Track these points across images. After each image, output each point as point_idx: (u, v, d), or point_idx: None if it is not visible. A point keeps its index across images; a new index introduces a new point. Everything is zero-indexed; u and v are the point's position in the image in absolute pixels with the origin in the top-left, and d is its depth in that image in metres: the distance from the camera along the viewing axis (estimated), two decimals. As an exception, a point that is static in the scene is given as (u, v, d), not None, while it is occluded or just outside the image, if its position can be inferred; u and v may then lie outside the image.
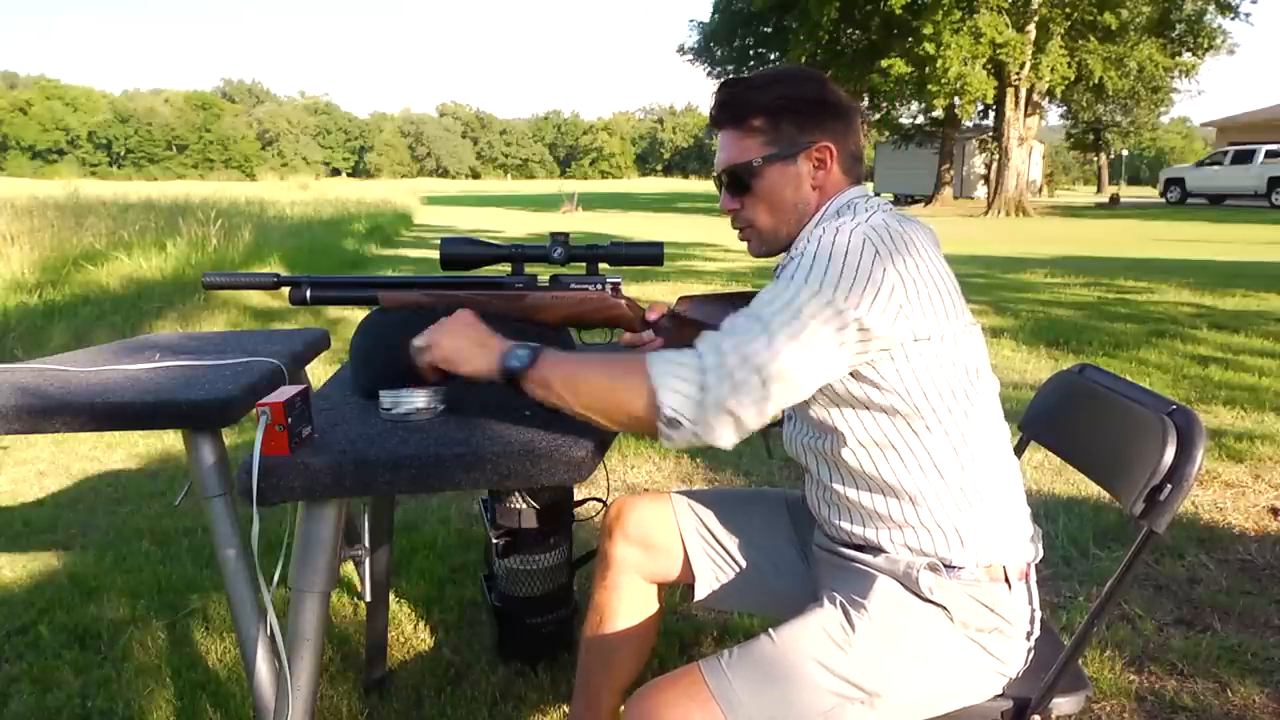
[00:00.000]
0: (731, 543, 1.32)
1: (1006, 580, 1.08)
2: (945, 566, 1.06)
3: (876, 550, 1.11)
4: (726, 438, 0.97)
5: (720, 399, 0.94)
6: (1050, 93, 23.59)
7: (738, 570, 1.32)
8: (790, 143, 1.12)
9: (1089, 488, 2.81)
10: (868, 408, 1.04)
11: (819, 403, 1.07)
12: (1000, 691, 1.10)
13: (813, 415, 1.10)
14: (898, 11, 20.49)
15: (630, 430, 1.03)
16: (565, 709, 1.70)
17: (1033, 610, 1.11)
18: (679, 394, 0.95)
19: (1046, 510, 2.66)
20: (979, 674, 1.09)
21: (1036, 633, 1.12)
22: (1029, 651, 1.12)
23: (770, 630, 1.06)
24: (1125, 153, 51.12)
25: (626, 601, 1.33)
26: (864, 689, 1.02)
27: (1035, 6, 20.67)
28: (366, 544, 1.28)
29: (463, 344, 1.10)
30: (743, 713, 0.99)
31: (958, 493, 1.06)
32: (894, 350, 1.00)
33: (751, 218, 1.17)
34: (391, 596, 2.08)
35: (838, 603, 1.07)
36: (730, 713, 0.99)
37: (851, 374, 1.02)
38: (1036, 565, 1.14)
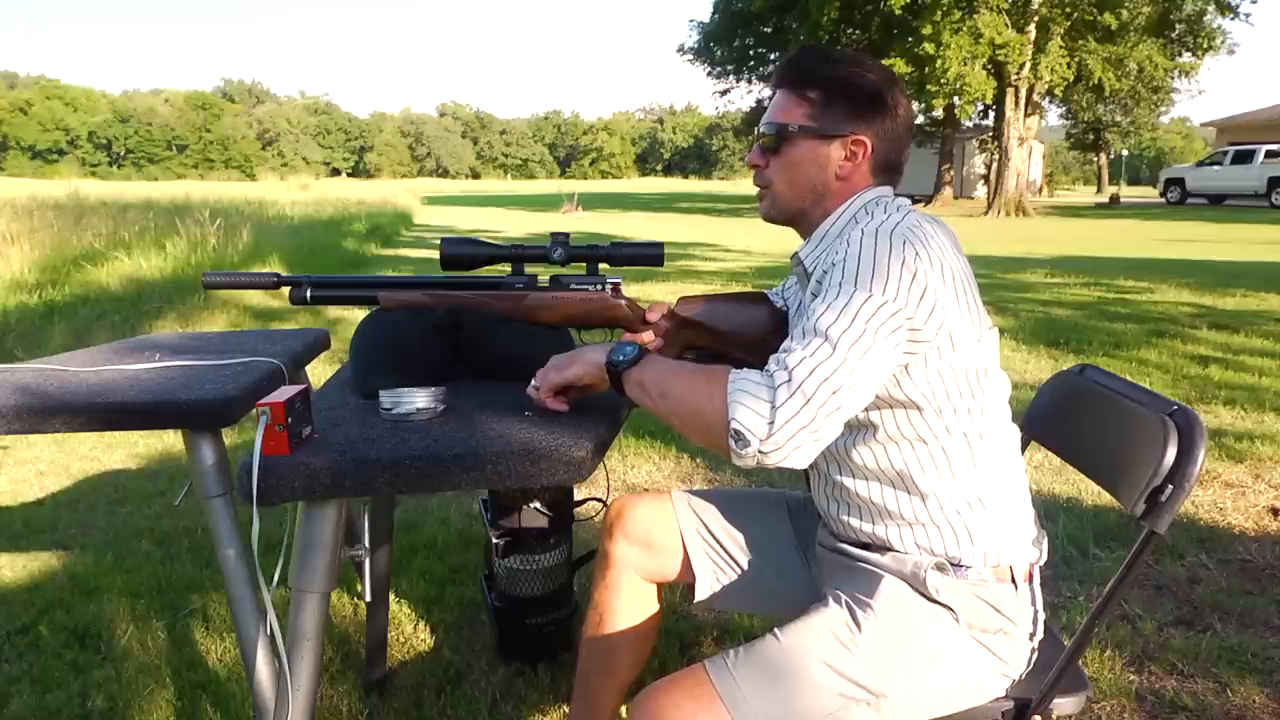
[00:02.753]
0: (732, 542, 1.32)
1: (1013, 581, 1.08)
2: (953, 566, 1.06)
3: (884, 549, 1.11)
4: (800, 458, 0.93)
5: (790, 417, 0.91)
6: (1050, 93, 23.59)
7: (738, 570, 1.32)
8: (832, 124, 1.11)
9: (1089, 488, 2.81)
10: (890, 405, 1.04)
11: None
12: (1003, 692, 1.10)
13: None
14: (897, 11, 20.50)
15: (706, 444, 1.01)
16: (565, 709, 1.70)
17: (1036, 611, 1.11)
18: (749, 410, 0.92)
19: (1046, 510, 2.66)
20: (983, 675, 1.09)
21: (1039, 634, 1.12)
22: (1032, 652, 1.12)
23: (776, 630, 1.06)
24: (1125, 153, 51.15)
25: (626, 601, 1.33)
26: (870, 690, 1.02)
27: (1035, 6, 20.66)
28: (366, 544, 1.28)
29: (571, 357, 1.15)
30: (748, 712, 0.99)
31: (969, 491, 1.06)
32: (929, 349, 1.00)
33: (771, 178, 1.17)
34: (391, 596, 2.08)
35: (843, 603, 1.07)
36: (736, 713, 0.99)
37: None
38: (1040, 567, 1.14)
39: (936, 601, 1.06)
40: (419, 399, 1.14)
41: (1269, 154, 22.73)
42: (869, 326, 0.95)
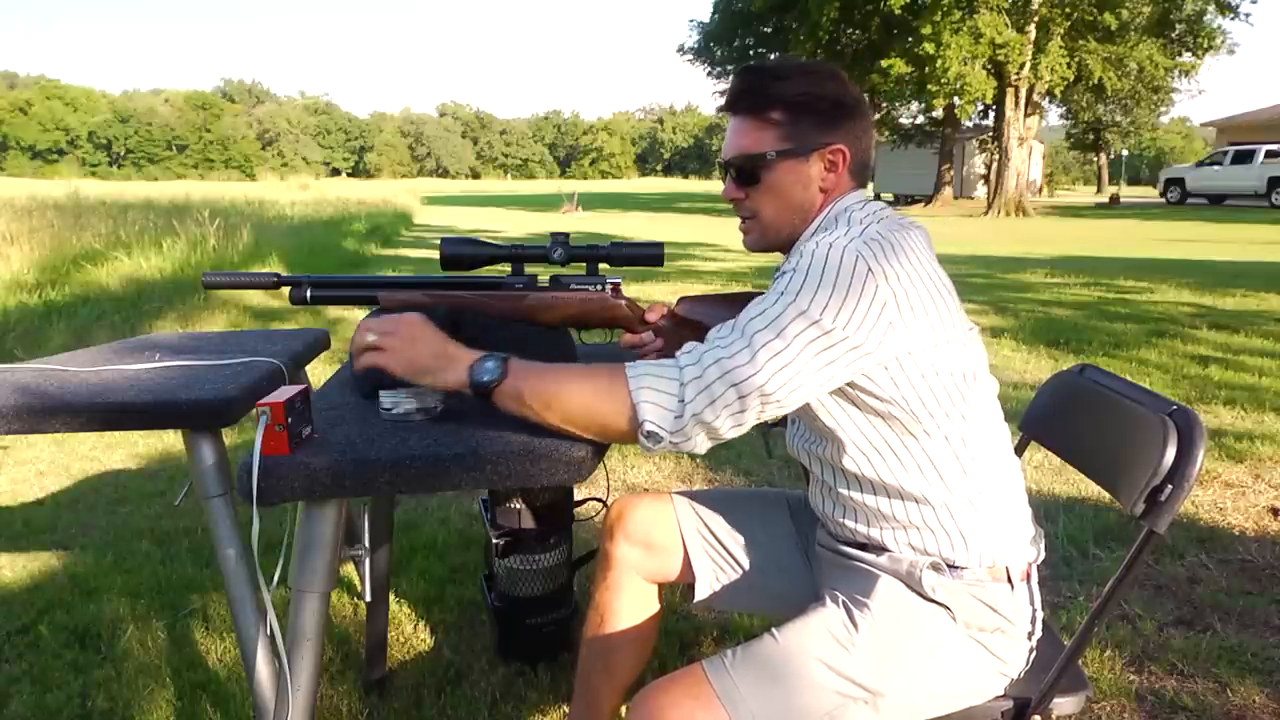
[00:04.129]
0: (732, 543, 1.32)
1: (1009, 580, 1.08)
2: (948, 566, 1.06)
3: (880, 549, 1.11)
4: (702, 446, 1.01)
5: (697, 412, 0.97)
6: (1050, 93, 23.59)
7: (739, 570, 1.32)
8: (806, 141, 1.10)
9: (1089, 488, 2.81)
10: (865, 415, 1.04)
11: (817, 410, 1.07)
12: (1001, 692, 1.10)
13: (811, 421, 1.10)
14: (897, 11, 20.51)
15: (605, 440, 1.05)
16: (565, 709, 1.70)
17: (1034, 610, 1.11)
18: (658, 407, 0.98)
19: (1046, 510, 2.66)
20: (981, 674, 1.09)
21: (1038, 633, 1.12)
22: (1030, 652, 1.12)
23: (773, 629, 1.06)
24: (1125, 153, 51.13)
25: (627, 602, 1.33)
26: (867, 688, 1.02)
27: (1035, 6, 20.67)
28: (366, 544, 1.28)
29: (421, 355, 1.06)
30: (745, 711, 0.99)
31: (960, 495, 1.06)
32: (889, 362, 1.00)
33: (756, 209, 1.15)
34: (391, 596, 2.08)
35: (840, 602, 1.07)
36: (734, 712, 0.99)
37: (847, 383, 1.02)
38: (1038, 566, 1.14)
39: (933, 600, 1.06)
40: (419, 399, 1.14)
41: (1269, 154, 22.73)
42: (796, 341, 0.95)
